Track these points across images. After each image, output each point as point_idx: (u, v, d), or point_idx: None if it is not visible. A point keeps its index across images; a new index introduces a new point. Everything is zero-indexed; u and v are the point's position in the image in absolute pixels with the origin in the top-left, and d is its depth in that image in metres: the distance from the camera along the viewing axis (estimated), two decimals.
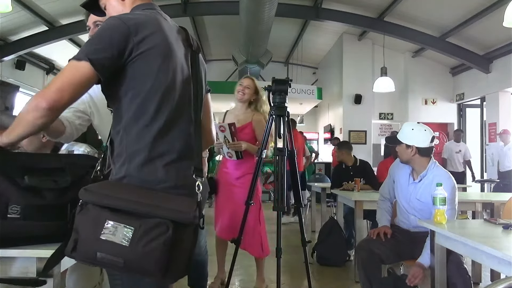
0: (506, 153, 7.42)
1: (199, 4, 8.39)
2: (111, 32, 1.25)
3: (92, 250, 1.14)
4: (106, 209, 1.15)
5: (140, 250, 1.12)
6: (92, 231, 1.14)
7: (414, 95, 10.37)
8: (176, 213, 1.17)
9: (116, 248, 1.12)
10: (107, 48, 1.23)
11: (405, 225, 2.82)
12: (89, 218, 1.16)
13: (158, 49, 1.30)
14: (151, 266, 1.13)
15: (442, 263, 2.30)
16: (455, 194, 2.64)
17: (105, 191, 1.20)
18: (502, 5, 5.71)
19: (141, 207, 1.16)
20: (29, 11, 7.04)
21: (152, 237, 1.13)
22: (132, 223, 1.14)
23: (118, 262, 1.13)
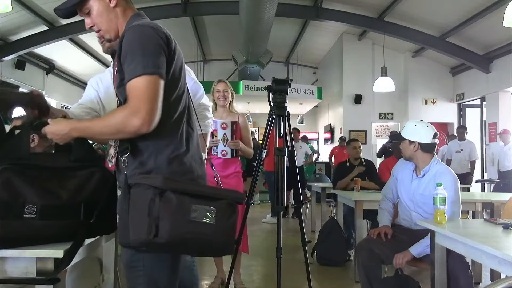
0: (506, 153, 7.42)
1: (199, 4, 8.39)
2: (153, 39, 1.34)
3: (183, 231, 1.27)
4: (186, 195, 1.29)
5: (224, 226, 1.32)
6: (180, 215, 1.27)
7: (414, 95, 10.37)
8: (236, 195, 1.39)
9: (206, 227, 1.29)
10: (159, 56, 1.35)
11: (407, 223, 2.83)
12: (174, 204, 1.27)
13: (180, 57, 1.45)
14: (232, 240, 1.36)
15: (442, 263, 2.30)
16: (457, 189, 2.65)
17: (183, 180, 1.38)
18: (502, 5, 5.71)
19: (213, 191, 1.39)
20: (29, 11, 7.04)
21: (229, 214, 1.34)
22: (212, 204, 1.31)
23: (204, 239, 1.30)
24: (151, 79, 1.31)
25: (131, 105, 1.31)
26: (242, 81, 10.76)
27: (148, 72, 1.31)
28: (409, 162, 2.88)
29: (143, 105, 1.30)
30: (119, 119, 1.32)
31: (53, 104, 12.05)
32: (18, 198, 1.37)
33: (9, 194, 1.36)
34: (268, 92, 2.75)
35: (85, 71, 10.57)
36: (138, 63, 1.31)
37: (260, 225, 6.88)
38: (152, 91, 1.31)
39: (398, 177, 2.93)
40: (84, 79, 11.66)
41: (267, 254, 4.79)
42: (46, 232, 1.39)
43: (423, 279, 2.60)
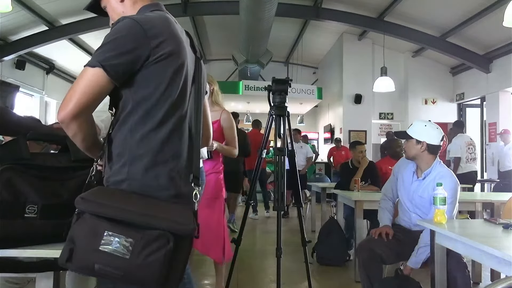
0: (506, 153, 7.41)
1: (199, 4, 8.39)
2: (128, 35, 1.23)
3: (90, 261, 1.11)
4: (104, 219, 1.12)
5: (140, 262, 1.10)
6: (90, 242, 1.11)
7: (414, 95, 10.38)
8: (176, 225, 1.14)
9: (116, 260, 1.10)
10: (124, 53, 1.22)
11: (407, 224, 2.83)
12: (86, 228, 1.12)
13: (173, 56, 1.29)
14: (151, 278, 1.11)
15: (442, 263, 2.30)
16: (456, 193, 2.65)
17: (103, 200, 1.16)
18: (502, 5, 5.71)
19: (141, 218, 1.13)
20: (29, 11, 7.04)
21: (153, 249, 1.11)
22: (132, 234, 1.11)
23: (117, 274, 1.11)
24: (90, 71, 1.20)
25: (68, 95, 1.22)
26: (242, 81, 10.76)
27: (92, 64, 1.21)
28: (410, 162, 2.87)
29: (72, 96, 1.20)
30: (58, 117, 1.24)
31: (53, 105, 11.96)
32: (19, 198, 1.37)
33: (10, 194, 1.36)
34: (268, 92, 2.75)
35: None
36: (95, 56, 1.22)
37: (260, 225, 6.88)
38: (86, 84, 1.20)
39: (399, 177, 2.92)
40: None
41: (267, 254, 4.80)
42: (47, 232, 1.39)
43: (423, 279, 2.60)
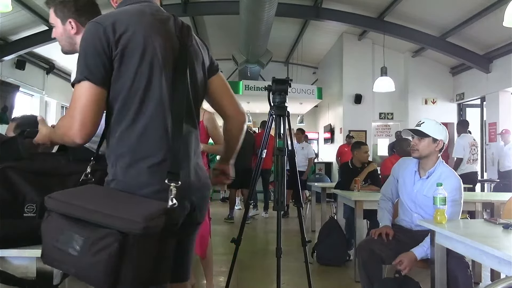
0: (506, 153, 7.41)
1: (199, 4, 8.39)
2: (89, 38, 1.27)
3: (51, 257, 1.17)
4: (63, 217, 1.15)
5: (87, 260, 1.10)
6: (51, 239, 1.16)
7: (414, 95, 10.37)
8: (124, 223, 1.09)
9: (67, 257, 1.12)
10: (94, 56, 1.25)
11: (408, 224, 2.82)
12: (50, 226, 1.17)
13: (133, 46, 1.28)
14: (98, 277, 1.10)
15: (442, 263, 2.30)
16: (461, 193, 2.66)
17: (66, 198, 1.19)
18: (502, 5, 5.71)
19: (90, 216, 1.12)
20: (29, 10, 7.03)
21: (99, 248, 1.09)
22: (84, 232, 1.11)
23: (70, 270, 1.16)
24: (78, 87, 1.26)
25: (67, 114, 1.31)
26: (242, 81, 10.76)
27: (76, 80, 1.26)
28: (411, 162, 2.86)
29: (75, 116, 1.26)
30: (62, 129, 1.33)
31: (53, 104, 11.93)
32: (17, 197, 1.38)
33: (9, 193, 1.36)
34: (268, 92, 2.75)
35: None
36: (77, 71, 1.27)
37: (260, 225, 6.88)
38: (81, 100, 1.25)
39: (399, 177, 2.91)
40: None
41: (267, 254, 4.80)
42: None
43: (423, 278, 2.59)
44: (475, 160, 6.79)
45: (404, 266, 2.50)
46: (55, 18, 1.78)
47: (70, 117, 1.27)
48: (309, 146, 8.92)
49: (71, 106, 1.28)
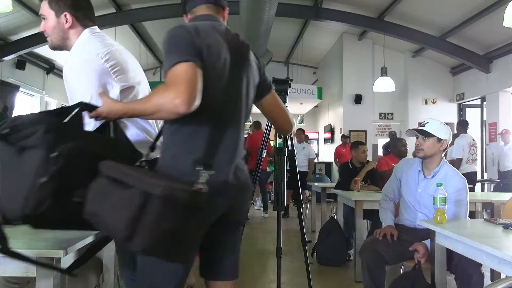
0: (506, 153, 7.41)
1: None
2: (182, 35, 1.41)
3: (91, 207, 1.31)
4: (106, 178, 1.30)
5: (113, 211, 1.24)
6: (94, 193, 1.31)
7: (414, 95, 10.38)
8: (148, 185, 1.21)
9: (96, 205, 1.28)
10: (191, 48, 1.38)
11: (411, 223, 2.81)
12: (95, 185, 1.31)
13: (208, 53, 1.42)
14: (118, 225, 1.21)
15: (442, 263, 2.30)
16: (467, 192, 2.66)
17: (115, 166, 1.33)
18: (502, 5, 5.71)
19: (125, 177, 1.27)
20: (30, 10, 7.05)
21: (125, 203, 1.22)
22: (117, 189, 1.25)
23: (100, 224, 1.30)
24: (179, 67, 1.34)
25: (164, 87, 1.33)
26: None
27: (174, 62, 1.34)
28: (414, 162, 2.86)
29: (180, 86, 1.30)
30: (160, 99, 1.32)
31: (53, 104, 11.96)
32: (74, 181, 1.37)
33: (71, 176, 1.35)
34: None
35: None
36: (172, 57, 1.38)
37: (260, 225, 6.88)
38: (186, 74, 1.33)
39: (402, 178, 2.90)
40: None
41: (267, 254, 4.80)
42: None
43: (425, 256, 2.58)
44: (474, 160, 6.80)
45: (422, 254, 2.50)
46: (49, 10, 1.77)
47: (174, 87, 1.30)
48: (310, 146, 8.90)
49: (171, 80, 1.32)
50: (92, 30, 1.79)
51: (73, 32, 1.77)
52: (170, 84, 1.32)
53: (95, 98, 1.60)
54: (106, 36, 1.82)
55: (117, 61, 1.72)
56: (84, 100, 1.55)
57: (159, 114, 1.35)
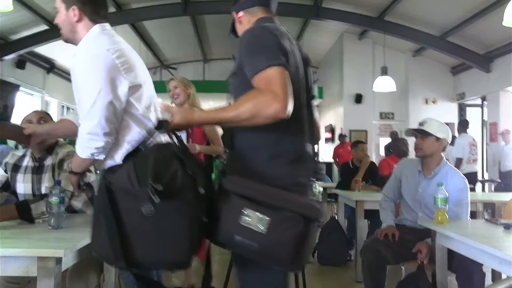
0: (507, 153, 7.40)
1: (199, 3, 8.38)
2: (268, 35, 1.40)
3: (231, 232, 1.27)
4: (244, 199, 1.28)
5: (275, 238, 1.24)
6: (232, 216, 1.27)
7: (415, 94, 10.37)
8: (307, 209, 1.28)
9: (253, 234, 1.24)
10: (278, 50, 1.38)
11: (412, 223, 2.80)
12: (230, 205, 1.29)
13: (290, 54, 1.43)
14: (283, 254, 1.25)
15: (444, 263, 2.30)
16: (468, 192, 2.67)
17: (246, 183, 1.33)
18: (502, 5, 5.69)
19: (277, 201, 1.28)
20: (30, 10, 7.04)
21: (286, 228, 1.24)
22: (269, 213, 1.25)
23: (253, 246, 1.25)
24: (271, 71, 1.33)
25: (259, 92, 1.31)
26: None
27: (265, 65, 1.33)
28: (414, 162, 2.85)
29: (277, 91, 1.29)
30: (256, 103, 1.30)
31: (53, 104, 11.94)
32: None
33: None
34: None
35: None
36: (261, 61, 1.36)
37: None
38: (280, 79, 1.32)
39: (402, 178, 2.90)
40: None
41: None
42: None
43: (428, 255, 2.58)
44: (474, 160, 6.80)
45: (425, 254, 2.49)
46: (60, 3, 1.78)
47: (270, 92, 1.29)
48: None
49: (265, 84, 1.31)
50: (102, 26, 1.79)
51: (81, 26, 1.78)
52: (265, 89, 1.30)
53: (104, 92, 1.60)
54: (116, 34, 1.82)
55: (127, 59, 1.72)
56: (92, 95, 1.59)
57: (255, 120, 1.31)
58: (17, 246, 1.49)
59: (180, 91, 3.22)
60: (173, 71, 11.33)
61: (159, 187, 1.23)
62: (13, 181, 2.24)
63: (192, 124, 1.45)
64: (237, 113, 1.33)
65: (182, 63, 12.09)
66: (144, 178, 1.26)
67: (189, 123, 1.44)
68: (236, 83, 1.50)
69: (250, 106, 1.31)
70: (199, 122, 1.46)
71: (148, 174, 1.26)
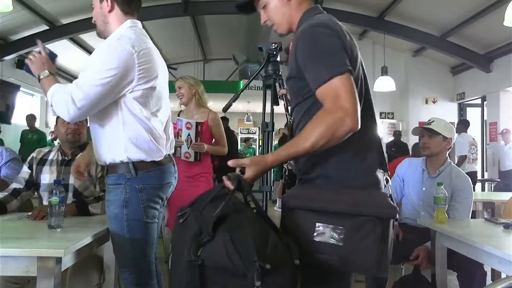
0: (507, 152, 7.40)
1: (199, 4, 8.38)
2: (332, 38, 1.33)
3: (309, 253, 1.20)
4: (312, 212, 1.21)
5: (354, 247, 1.18)
6: (304, 234, 1.21)
7: (415, 94, 10.36)
8: (380, 210, 1.20)
9: (330, 248, 1.18)
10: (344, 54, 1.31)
11: (413, 222, 2.80)
12: (298, 223, 1.22)
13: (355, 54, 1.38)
14: (367, 262, 1.18)
15: (443, 262, 2.30)
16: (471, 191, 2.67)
17: (309, 195, 1.26)
18: (503, 4, 5.70)
19: (346, 207, 1.21)
20: (30, 10, 7.04)
21: (363, 235, 1.18)
22: (341, 223, 1.19)
23: (334, 260, 1.20)
24: (342, 80, 1.25)
25: (338, 105, 1.23)
26: (243, 80, 10.76)
27: (337, 72, 1.26)
28: (417, 161, 2.85)
29: (349, 105, 1.23)
30: (328, 125, 1.22)
31: None
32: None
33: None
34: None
35: None
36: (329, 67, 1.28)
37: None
38: (351, 91, 1.25)
39: (405, 177, 2.90)
40: None
41: None
42: None
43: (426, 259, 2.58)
44: (474, 159, 6.80)
45: (421, 259, 2.49)
46: None
47: (339, 109, 1.22)
48: None
49: (332, 101, 1.24)
50: (134, 23, 1.85)
51: (113, 17, 1.83)
52: (333, 106, 1.23)
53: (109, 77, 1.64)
54: (145, 34, 1.87)
55: (148, 59, 1.75)
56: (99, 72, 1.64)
57: (331, 142, 1.24)
58: (17, 246, 1.49)
59: (184, 91, 3.25)
60: (173, 71, 11.33)
61: (267, 266, 1.04)
62: (37, 173, 2.37)
63: (268, 169, 1.33)
64: (312, 143, 1.23)
65: (182, 63, 12.07)
66: (246, 254, 1.05)
67: (265, 170, 1.31)
68: (295, 88, 1.43)
69: (323, 131, 1.22)
70: (274, 166, 1.31)
71: (251, 249, 1.06)
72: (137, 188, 1.74)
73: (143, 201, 1.75)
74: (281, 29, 1.52)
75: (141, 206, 1.75)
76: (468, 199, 2.63)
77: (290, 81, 1.44)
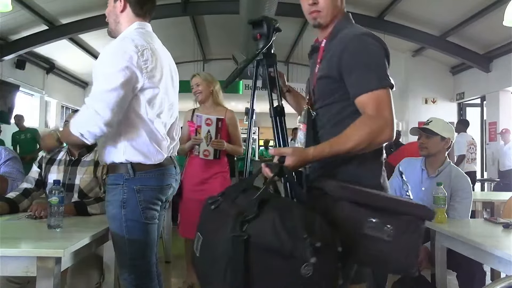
0: (506, 152, 7.41)
1: (199, 4, 8.38)
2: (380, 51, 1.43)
3: (356, 244, 1.20)
4: (361, 206, 1.22)
5: (400, 245, 1.20)
6: (355, 227, 1.20)
7: (415, 94, 10.37)
8: (419, 210, 1.25)
9: (378, 244, 1.19)
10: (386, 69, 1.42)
11: None
12: (348, 215, 1.21)
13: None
14: (408, 259, 1.21)
15: (443, 262, 2.30)
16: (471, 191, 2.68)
17: (355, 189, 1.28)
18: (502, 4, 5.70)
19: (394, 205, 1.25)
20: (29, 10, 7.03)
21: (410, 233, 1.21)
22: (389, 220, 1.20)
23: (379, 255, 1.21)
24: (384, 93, 1.38)
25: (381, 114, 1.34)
26: (242, 80, 10.75)
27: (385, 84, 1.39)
28: (416, 161, 2.85)
29: (388, 117, 1.35)
30: (372, 131, 1.32)
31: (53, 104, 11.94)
32: None
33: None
34: None
35: (85, 71, 10.57)
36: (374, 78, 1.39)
37: None
38: (390, 104, 1.38)
39: (404, 176, 2.90)
40: (84, 79, 11.65)
41: None
42: None
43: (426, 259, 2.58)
44: (473, 159, 6.81)
45: (421, 258, 2.47)
46: None
47: (382, 118, 1.33)
48: None
49: (376, 109, 1.34)
50: (142, 25, 1.87)
51: (124, 17, 1.85)
52: (376, 114, 1.33)
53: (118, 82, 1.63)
54: (153, 35, 1.91)
55: (153, 59, 1.75)
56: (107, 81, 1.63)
57: (370, 147, 1.34)
58: (17, 246, 1.49)
59: (202, 88, 3.10)
60: None
61: (318, 243, 1.01)
62: (46, 172, 2.41)
63: (308, 162, 1.36)
64: (354, 144, 1.31)
65: (181, 63, 12.07)
66: (294, 231, 1.03)
67: (305, 162, 1.35)
68: (327, 89, 1.48)
69: (365, 136, 1.31)
70: (314, 159, 1.35)
71: (299, 227, 1.03)
72: (135, 188, 1.74)
73: (141, 202, 1.75)
74: (324, 19, 1.55)
75: (139, 207, 1.74)
76: (468, 199, 2.63)
77: (323, 80, 1.49)
